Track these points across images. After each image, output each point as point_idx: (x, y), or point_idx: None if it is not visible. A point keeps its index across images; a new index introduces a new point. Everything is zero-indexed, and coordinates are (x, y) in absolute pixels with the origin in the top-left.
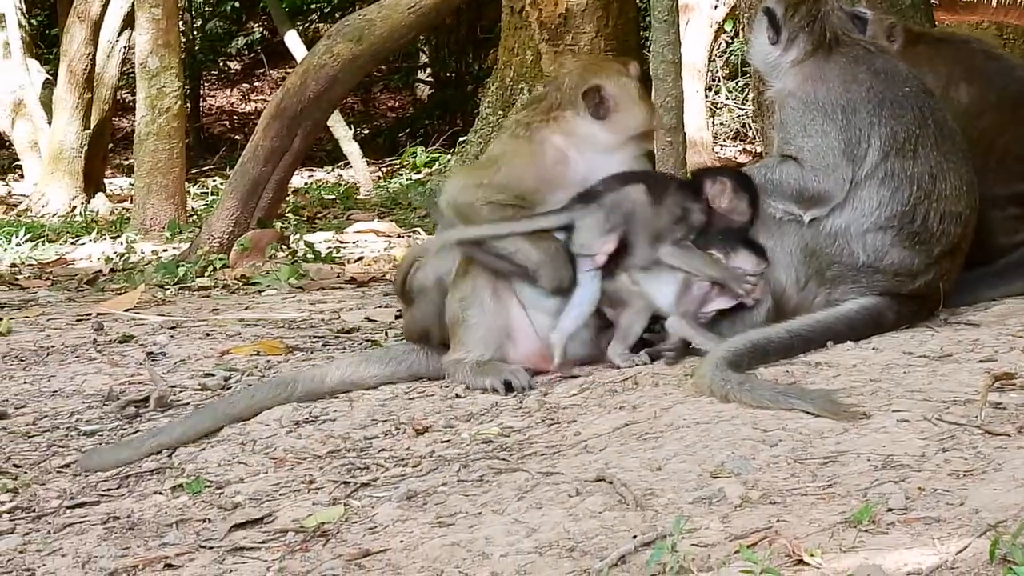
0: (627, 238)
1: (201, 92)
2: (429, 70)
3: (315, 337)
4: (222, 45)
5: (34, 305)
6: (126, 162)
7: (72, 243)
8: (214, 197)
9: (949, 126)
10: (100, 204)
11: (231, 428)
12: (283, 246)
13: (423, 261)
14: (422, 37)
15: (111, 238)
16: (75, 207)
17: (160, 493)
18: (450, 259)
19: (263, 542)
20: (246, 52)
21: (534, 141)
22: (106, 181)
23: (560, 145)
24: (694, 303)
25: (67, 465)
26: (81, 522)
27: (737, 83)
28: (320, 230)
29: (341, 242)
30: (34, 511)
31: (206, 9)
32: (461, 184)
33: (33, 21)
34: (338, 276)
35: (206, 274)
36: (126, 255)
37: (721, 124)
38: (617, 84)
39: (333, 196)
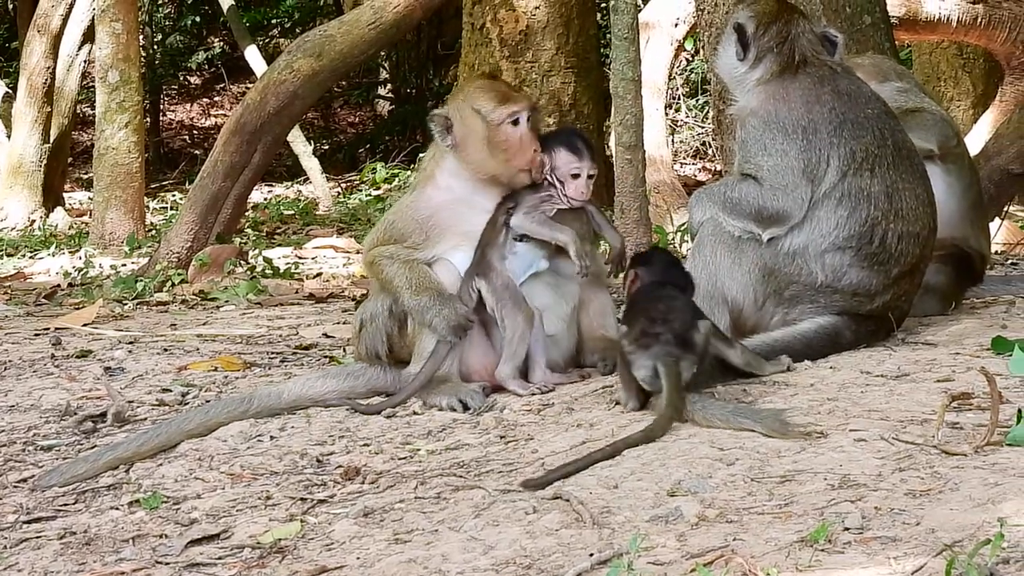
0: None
1: (161, 106)
2: (389, 86)
3: (273, 353)
4: (182, 59)
5: None
6: (85, 176)
7: (31, 257)
8: (173, 212)
9: (908, 147)
10: (59, 218)
11: (188, 444)
12: (242, 261)
13: (373, 291)
14: (383, 53)
15: (70, 252)
16: (34, 221)
17: (117, 508)
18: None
19: (220, 558)
20: (206, 67)
21: (418, 187)
22: (65, 195)
23: (439, 186)
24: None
25: (24, 480)
26: (37, 537)
27: (697, 101)
28: (279, 246)
29: (300, 258)
30: None
31: (166, 24)
32: (366, 243)
33: None
34: (296, 292)
35: (164, 289)
36: (84, 270)
37: (681, 142)
38: (464, 115)
39: (292, 212)
